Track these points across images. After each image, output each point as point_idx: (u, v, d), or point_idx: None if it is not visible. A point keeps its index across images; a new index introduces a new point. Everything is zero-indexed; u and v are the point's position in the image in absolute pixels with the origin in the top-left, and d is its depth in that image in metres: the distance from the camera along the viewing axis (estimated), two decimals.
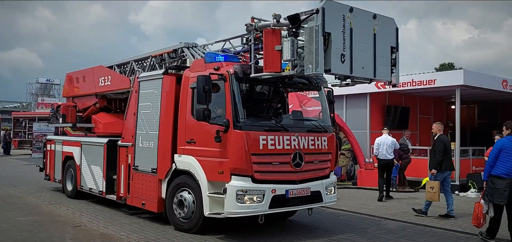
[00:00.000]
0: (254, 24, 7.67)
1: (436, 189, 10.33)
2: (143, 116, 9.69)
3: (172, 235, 8.53)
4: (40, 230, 8.91)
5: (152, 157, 9.28)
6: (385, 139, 13.68)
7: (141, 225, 9.41)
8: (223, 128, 7.77)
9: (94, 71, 13.20)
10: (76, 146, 12.44)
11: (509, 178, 7.84)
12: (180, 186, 8.68)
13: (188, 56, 9.70)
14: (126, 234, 8.60)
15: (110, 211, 10.91)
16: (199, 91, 7.76)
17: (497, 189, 7.88)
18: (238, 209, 7.65)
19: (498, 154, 8.00)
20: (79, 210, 10.92)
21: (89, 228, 9.15)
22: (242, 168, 7.68)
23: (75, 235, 8.58)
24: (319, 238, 8.51)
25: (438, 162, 10.46)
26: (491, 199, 7.99)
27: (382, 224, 9.96)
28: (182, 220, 8.57)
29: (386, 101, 19.50)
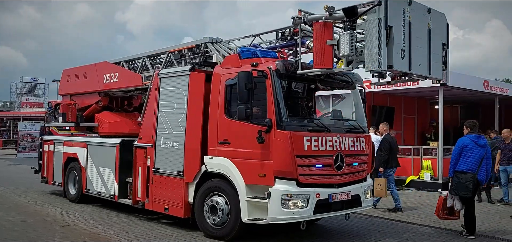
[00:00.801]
0: (302, 17, 7.17)
1: (383, 185, 10.81)
2: (165, 115, 9.07)
3: (161, 233, 8.63)
4: (29, 229, 8.86)
5: (177, 159, 8.69)
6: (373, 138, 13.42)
7: (130, 223, 9.48)
8: (265, 128, 7.27)
9: (97, 67, 12.47)
10: (81, 147, 11.67)
11: (472, 172, 8.45)
12: (212, 189, 8.12)
13: (214, 52, 9.14)
14: (115, 232, 8.64)
15: (99, 210, 10.92)
16: (240, 89, 7.23)
17: (462, 183, 8.46)
18: (283, 214, 7.17)
19: (460, 151, 8.61)
20: (67, 210, 10.89)
21: (78, 227, 9.16)
22: (287, 170, 7.20)
23: (63, 234, 8.51)
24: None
25: (384, 160, 11.17)
26: (457, 193, 8.52)
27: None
28: (215, 227, 8.01)
29: (371, 102, 19.49)
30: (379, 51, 6.15)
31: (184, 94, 8.70)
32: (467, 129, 8.92)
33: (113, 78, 11.81)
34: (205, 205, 8.16)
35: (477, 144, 8.58)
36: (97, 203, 11.55)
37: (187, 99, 8.60)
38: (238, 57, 8.03)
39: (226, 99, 8.05)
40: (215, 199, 8.00)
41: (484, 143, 8.73)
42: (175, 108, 8.86)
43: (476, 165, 8.48)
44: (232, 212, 7.78)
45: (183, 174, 8.56)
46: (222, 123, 8.02)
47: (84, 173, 11.46)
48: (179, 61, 10.00)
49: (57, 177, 12.65)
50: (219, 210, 7.92)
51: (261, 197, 7.42)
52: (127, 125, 12.15)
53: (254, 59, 7.72)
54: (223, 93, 8.06)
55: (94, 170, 11.14)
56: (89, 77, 12.71)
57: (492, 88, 19.49)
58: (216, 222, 7.98)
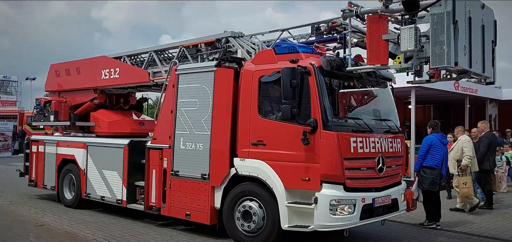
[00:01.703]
0: (353, 9, 6.71)
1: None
2: (185, 114, 8.42)
3: (138, 232, 8.56)
4: (3, 229, 8.75)
5: (202, 161, 8.07)
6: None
7: (106, 223, 9.38)
8: (309, 129, 6.77)
9: (93, 62, 11.62)
10: (79, 148, 10.80)
11: (438, 168, 9.16)
12: (244, 194, 7.56)
13: (237, 47, 8.55)
14: (91, 232, 8.56)
15: (74, 210, 10.66)
16: (285, 87, 6.71)
17: (430, 178, 9.10)
18: (330, 221, 6.71)
19: (428, 149, 9.21)
20: (42, 210, 10.72)
21: (53, 226, 9.04)
22: (335, 174, 6.74)
23: (38, 234, 8.41)
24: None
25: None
26: (425, 187, 9.12)
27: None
28: (248, 234, 7.46)
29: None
30: (447, 47, 5.77)
31: (208, 92, 8.08)
32: (430, 129, 9.67)
33: (113, 74, 10.99)
34: (236, 211, 7.59)
35: (442, 142, 9.34)
36: (97, 208, 10.73)
37: (213, 97, 7.99)
38: (274, 52, 7.50)
39: (260, 98, 7.51)
40: (249, 204, 7.45)
41: (447, 142, 9.70)
42: (198, 107, 8.23)
43: (441, 161, 9.21)
44: (268, 219, 7.25)
45: (208, 178, 7.95)
46: (255, 122, 7.48)
47: (83, 176, 10.60)
48: (195, 57, 9.35)
49: (48, 180, 11.69)
50: (254, 215, 7.37)
51: (303, 202, 6.94)
52: (128, 124, 11.42)
53: (293, 55, 7.21)
54: (257, 91, 7.51)
55: (95, 172, 10.31)
56: (83, 73, 11.83)
57: (462, 89, 20.02)
58: (251, 229, 7.42)
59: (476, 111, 26.64)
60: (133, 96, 12.60)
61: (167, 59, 10.34)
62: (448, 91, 18.32)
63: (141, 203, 9.46)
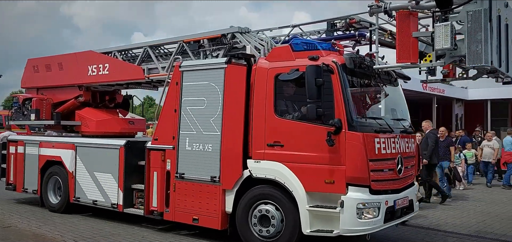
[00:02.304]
0: (381, 5, 6.46)
1: None
2: (191, 113, 7.99)
3: (109, 233, 8.44)
4: None
5: (211, 163, 7.67)
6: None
7: (76, 223, 9.21)
8: (333, 129, 6.50)
9: (79, 57, 10.96)
10: (66, 149, 10.12)
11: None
12: (260, 197, 7.22)
13: (244, 43, 8.18)
14: (60, 233, 8.40)
15: (42, 211, 10.42)
16: (310, 85, 6.41)
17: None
18: (357, 225, 6.48)
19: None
20: (9, 211, 10.47)
21: (21, 228, 8.84)
22: (361, 177, 6.51)
23: (5, 236, 8.22)
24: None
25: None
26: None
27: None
28: (265, 240, 7.12)
29: None
30: (485, 46, 5.63)
31: (218, 90, 7.68)
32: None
33: (101, 70, 10.38)
34: (252, 215, 7.25)
35: None
36: (86, 212, 10.11)
37: (223, 96, 7.60)
38: (291, 49, 7.18)
39: (276, 97, 7.18)
40: (266, 208, 7.11)
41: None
42: (206, 106, 7.82)
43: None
44: (288, 223, 6.94)
45: (219, 180, 7.55)
46: (271, 122, 7.15)
47: (71, 179, 9.94)
48: (197, 53, 8.90)
49: (30, 183, 10.92)
50: (272, 218, 7.04)
51: (326, 205, 6.67)
52: (118, 123, 10.83)
53: (313, 52, 6.91)
54: (272, 89, 7.18)
55: (86, 175, 9.68)
56: (67, 69, 11.13)
57: (430, 89, 20.53)
58: (270, 234, 7.08)
59: (443, 110, 27.40)
60: (119, 94, 11.97)
61: (163, 55, 9.85)
62: (417, 91, 18.58)
63: (139, 207, 8.95)
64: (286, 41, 8.31)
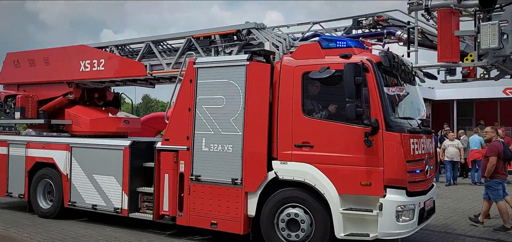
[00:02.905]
0: (423, 2, 6.31)
1: None
2: (208, 112, 7.60)
3: (80, 234, 8.33)
4: None
5: (231, 164, 7.32)
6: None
7: (46, 225, 8.97)
8: (369, 129, 6.32)
9: (69, 52, 10.28)
10: (59, 150, 9.45)
11: None
12: (287, 200, 6.94)
13: (261, 39, 7.86)
14: (29, 235, 8.25)
15: (10, 212, 10.22)
16: (349, 84, 6.18)
17: None
18: (396, 228, 6.33)
19: None
20: None
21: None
22: (400, 178, 6.36)
23: None
24: None
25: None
26: None
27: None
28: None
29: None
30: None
31: (238, 88, 7.34)
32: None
33: (96, 66, 9.77)
34: (279, 219, 6.96)
35: None
36: (81, 217, 9.50)
37: (245, 94, 7.26)
38: (319, 46, 6.94)
39: (304, 95, 6.92)
40: (295, 212, 6.83)
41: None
42: (225, 105, 7.46)
43: None
44: (317, 227, 6.70)
45: (241, 183, 7.21)
46: (299, 122, 6.88)
47: (66, 182, 9.29)
48: (208, 49, 8.50)
49: (15, 187, 10.14)
50: (302, 223, 6.78)
51: (361, 208, 6.48)
52: (113, 122, 10.23)
53: (344, 50, 6.71)
54: (300, 88, 6.91)
55: (84, 178, 9.07)
56: (55, 64, 10.41)
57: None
58: (299, 238, 6.82)
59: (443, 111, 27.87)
60: (109, 92, 11.34)
61: (167, 51, 9.37)
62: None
63: (145, 211, 8.47)
64: (304, 38, 8.06)
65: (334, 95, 6.77)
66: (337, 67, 6.58)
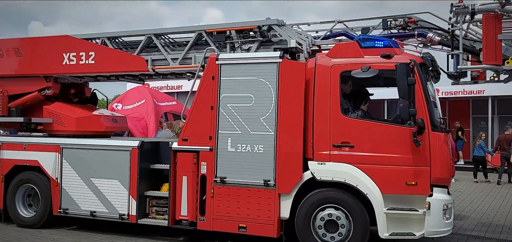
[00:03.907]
0: (469, 6, 6.48)
1: None
2: (234, 111, 7.26)
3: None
4: None
5: (263, 165, 7.06)
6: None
7: (20, 230, 8.34)
8: (415, 129, 6.40)
9: (49, 43, 9.27)
10: (46, 151, 8.51)
11: None
12: (325, 201, 6.81)
13: (285, 37, 7.64)
14: None
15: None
16: (401, 84, 6.20)
17: None
18: (443, 227, 6.49)
19: None
20: None
21: None
22: (446, 177, 6.53)
23: None
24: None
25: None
26: None
27: None
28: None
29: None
30: None
31: (269, 86, 7.09)
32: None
33: (84, 60, 8.90)
34: (316, 220, 6.81)
35: None
36: (71, 225, 8.66)
37: (278, 93, 7.03)
38: (358, 45, 6.90)
39: (343, 95, 6.84)
40: (333, 213, 6.73)
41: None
42: (253, 104, 7.17)
43: None
44: (357, 229, 6.65)
45: (275, 184, 6.96)
46: (338, 122, 6.79)
47: (55, 187, 8.38)
48: (222, 45, 8.11)
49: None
50: (342, 227, 6.69)
51: (405, 208, 6.53)
52: (101, 121, 9.39)
53: (385, 49, 6.72)
54: (338, 87, 6.82)
55: (78, 182, 8.23)
56: (29, 55, 9.35)
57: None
58: (336, 240, 6.73)
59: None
60: (87, 88, 10.44)
61: (170, 45, 8.81)
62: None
63: (155, 216, 7.91)
64: (327, 36, 7.98)
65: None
66: (379, 67, 6.62)
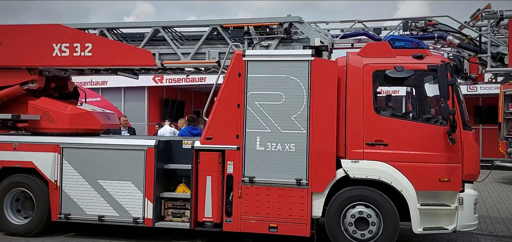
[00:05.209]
0: (497, 11, 6.83)
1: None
2: (262, 109, 7.11)
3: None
4: None
5: (294, 164, 6.99)
6: (167, 129, 13.59)
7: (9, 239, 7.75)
8: (447, 128, 6.67)
9: (35, 31, 8.46)
10: (43, 151, 7.76)
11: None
12: (355, 199, 6.88)
13: (306, 34, 7.64)
14: None
15: None
16: (443, 84, 6.42)
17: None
18: (474, 221, 6.83)
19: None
20: None
21: None
22: (476, 174, 6.86)
23: None
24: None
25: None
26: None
27: None
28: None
29: (163, 95, 21.61)
30: None
31: (301, 84, 7.02)
32: (186, 122, 10.95)
33: (79, 51, 8.23)
34: (346, 218, 6.88)
35: (191, 133, 10.07)
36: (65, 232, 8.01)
37: (310, 91, 6.98)
38: (390, 45, 7.04)
39: (376, 94, 6.97)
40: (364, 211, 6.83)
41: (197, 132, 10.22)
42: (284, 102, 7.06)
43: None
44: (387, 226, 6.77)
45: (308, 183, 6.92)
46: (371, 121, 6.90)
47: (54, 191, 7.67)
48: (240, 41, 7.89)
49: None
50: (372, 225, 6.81)
51: (438, 203, 6.79)
52: (97, 118, 8.74)
53: (417, 50, 6.93)
54: (371, 86, 6.93)
55: (83, 185, 7.60)
56: (10, 45, 8.43)
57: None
58: (366, 237, 6.84)
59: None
60: (70, 82, 9.66)
61: (179, 39, 8.41)
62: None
63: (171, 219, 7.55)
64: (346, 35, 8.05)
65: (408, 94, 6.95)
66: (413, 67, 6.83)
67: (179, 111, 20.94)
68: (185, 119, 11.72)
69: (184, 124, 11.48)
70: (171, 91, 21.84)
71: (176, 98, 22.26)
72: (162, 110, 21.08)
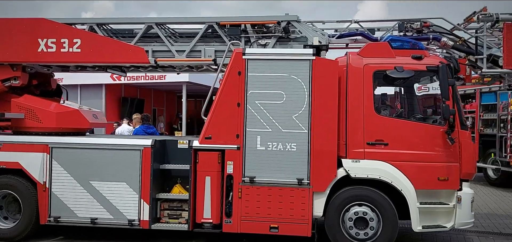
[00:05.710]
0: (493, 14, 7.00)
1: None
2: (263, 108, 7.03)
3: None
4: None
5: (296, 164, 6.95)
6: (125, 128, 13.53)
7: None
8: (446, 128, 6.80)
9: (18, 25, 8.07)
10: (30, 152, 7.40)
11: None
12: (355, 199, 6.91)
13: (304, 34, 7.60)
14: None
15: None
16: (444, 85, 6.53)
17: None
18: (471, 218, 6.98)
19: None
20: None
21: None
22: (473, 172, 7.01)
23: None
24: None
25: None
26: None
27: None
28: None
29: (121, 93, 21.40)
30: None
31: (302, 83, 6.99)
32: (140, 121, 10.97)
33: (66, 47, 7.90)
34: (346, 217, 6.91)
35: (146, 132, 10.21)
36: (56, 235, 7.69)
37: (311, 91, 6.96)
38: (389, 46, 7.11)
39: (376, 94, 7.02)
40: (363, 210, 6.87)
41: (152, 131, 10.53)
42: (285, 101, 7.01)
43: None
44: (386, 226, 6.84)
45: (309, 182, 6.90)
46: (371, 120, 6.95)
47: (42, 193, 7.33)
48: (236, 38, 7.77)
49: None
50: (372, 225, 6.86)
51: (436, 202, 6.91)
52: (84, 117, 8.42)
53: (416, 51, 7.03)
54: (371, 86, 6.98)
55: (74, 186, 7.29)
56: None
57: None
58: (368, 236, 6.88)
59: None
60: (53, 79, 9.27)
61: (172, 36, 8.21)
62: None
63: (167, 220, 7.36)
64: (342, 35, 8.06)
65: (406, 94, 7.03)
66: (413, 68, 6.89)
67: (139, 109, 20.19)
68: (139, 118, 11.31)
69: (138, 123, 11.13)
70: (130, 89, 21.59)
71: (135, 96, 22.03)
72: (121, 108, 20.78)
